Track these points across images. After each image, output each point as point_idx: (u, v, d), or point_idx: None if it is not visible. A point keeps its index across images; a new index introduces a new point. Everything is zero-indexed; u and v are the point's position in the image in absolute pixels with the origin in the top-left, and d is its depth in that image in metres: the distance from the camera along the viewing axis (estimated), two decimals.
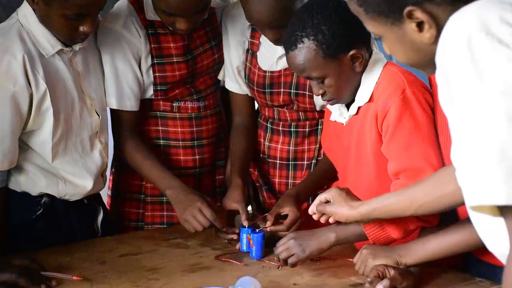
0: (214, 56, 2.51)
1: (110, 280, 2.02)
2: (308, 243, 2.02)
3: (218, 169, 2.64)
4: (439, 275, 1.98)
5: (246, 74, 2.49)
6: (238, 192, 2.36)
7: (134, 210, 2.56)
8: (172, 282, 2.02)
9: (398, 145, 1.96)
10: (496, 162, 1.11)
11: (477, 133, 1.14)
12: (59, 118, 2.20)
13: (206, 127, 2.55)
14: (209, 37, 2.50)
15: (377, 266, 1.91)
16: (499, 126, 1.11)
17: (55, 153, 2.23)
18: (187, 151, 2.53)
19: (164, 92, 2.45)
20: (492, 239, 1.34)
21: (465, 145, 1.17)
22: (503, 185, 1.11)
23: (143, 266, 2.14)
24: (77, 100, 2.26)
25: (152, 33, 2.40)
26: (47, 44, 2.17)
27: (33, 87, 2.13)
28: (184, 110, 2.51)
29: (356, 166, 2.11)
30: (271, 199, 2.57)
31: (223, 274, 2.09)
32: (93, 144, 2.33)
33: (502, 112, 1.11)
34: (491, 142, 1.12)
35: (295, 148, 2.51)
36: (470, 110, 1.15)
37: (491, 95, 1.13)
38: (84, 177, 2.31)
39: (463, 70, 1.16)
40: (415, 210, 1.82)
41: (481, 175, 1.14)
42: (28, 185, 2.26)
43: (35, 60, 2.14)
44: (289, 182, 2.53)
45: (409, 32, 1.35)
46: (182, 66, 2.44)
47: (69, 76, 2.24)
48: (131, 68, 2.38)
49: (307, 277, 2.04)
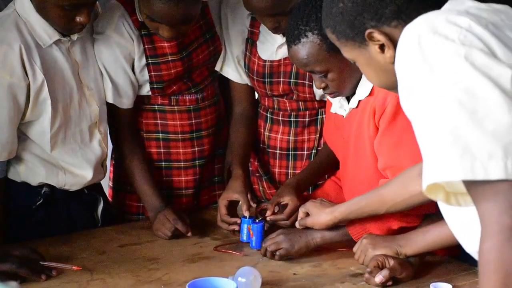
0: (209, 49, 2.49)
1: (110, 270, 2.03)
2: (298, 239, 2.07)
3: (217, 158, 2.64)
4: (439, 265, 1.98)
5: (246, 64, 2.48)
6: (239, 183, 2.36)
7: (134, 203, 2.55)
8: (172, 272, 2.03)
9: (388, 141, 1.97)
10: (450, 143, 1.18)
11: (432, 119, 1.22)
12: (57, 108, 2.20)
13: (205, 118, 2.54)
14: (203, 30, 2.48)
15: (377, 256, 1.92)
16: (451, 110, 1.19)
17: (54, 143, 2.23)
18: (186, 144, 2.53)
19: (161, 89, 2.45)
20: (467, 238, 1.42)
21: (422, 133, 1.25)
22: (458, 161, 1.18)
23: (143, 256, 2.14)
24: (75, 90, 2.25)
25: (145, 34, 2.38)
26: (44, 34, 2.17)
27: (30, 78, 2.12)
28: (182, 103, 2.50)
29: (355, 158, 2.11)
30: (271, 189, 2.57)
31: (223, 264, 2.09)
32: (93, 134, 2.33)
33: (452, 98, 1.20)
34: (444, 125, 1.20)
35: (295, 138, 2.51)
36: (424, 100, 1.23)
37: (442, 85, 1.21)
38: (84, 167, 2.31)
39: (415, 66, 1.26)
40: (386, 210, 1.94)
41: (437, 155, 1.21)
42: (27, 175, 2.26)
43: (32, 50, 2.13)
44: (289, 172, 2.53)
45: (374, 54, 1.46)
46: (177, 64, 2.42)
47: (67, 66, 2.23)
48: (123, 72, 2.37)
49: (306, 267, 2.04)
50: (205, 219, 2.44)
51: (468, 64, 1.22)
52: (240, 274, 1.85)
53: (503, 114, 1.18)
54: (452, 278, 1.90)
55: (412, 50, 1.27)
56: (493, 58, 1.23)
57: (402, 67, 1.30)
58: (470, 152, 1.18)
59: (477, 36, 1.25)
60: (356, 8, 1.44)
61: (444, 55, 1.24)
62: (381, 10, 1.42)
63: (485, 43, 1.24)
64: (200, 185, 2.60)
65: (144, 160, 2.45)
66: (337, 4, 1.48)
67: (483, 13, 1.32)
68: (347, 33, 1.48)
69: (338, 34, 1.50)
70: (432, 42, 1.25)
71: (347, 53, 1.53)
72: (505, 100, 1.19)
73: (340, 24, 1.48)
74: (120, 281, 1.96)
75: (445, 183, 1.28)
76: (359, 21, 1.45)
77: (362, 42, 1.47)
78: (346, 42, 1.50)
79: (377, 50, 1.45)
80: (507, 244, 1.16)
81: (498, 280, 1.17)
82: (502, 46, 1.25)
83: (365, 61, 1.50)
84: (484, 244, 1.20)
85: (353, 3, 1.45)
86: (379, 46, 1.45)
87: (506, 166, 1.17)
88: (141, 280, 1.97)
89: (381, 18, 1.43)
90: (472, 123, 1.18)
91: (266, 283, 1.91)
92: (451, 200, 1.30)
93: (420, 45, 1.26)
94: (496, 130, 1.18)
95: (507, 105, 1.19)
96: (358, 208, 1.99)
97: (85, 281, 1.95)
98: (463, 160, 1.18)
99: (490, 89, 1.20)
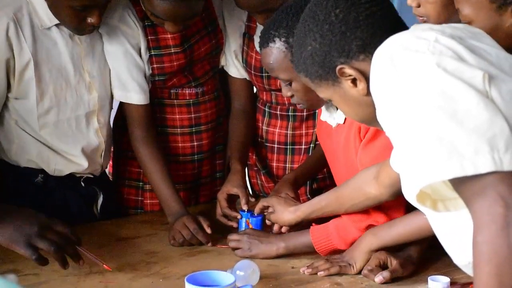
0: (211, 42, 2.49)
1: (109, 263, 2.02)
2: (257, 246, 2.08)
3: (217, 154, 2.64)
4: (438, 258, 1.98)
5: (244, 58, 2.48)
6: (238, 177, 2.37)
7: (133, 197, 2.56)
8: (170, 265, 2.03)
9: (367, 156, 1.96)
10: (436, 146, 1.23)
11: (414, 127, 1.27)
12: (47, 89, 2.19)
13: (205, 112, 2.54)
14: (206, 23, 2.48)
15: (379, 254, 1.91)
16: (432, 116, 1.25)
17: (44, 124, 2.23)
18: (185, 138, 2.52)
19: (162, 81, 2.44)
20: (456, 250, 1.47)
21: (405, 143, 1.30)
22: (447, 161, 1.22)
23: (142, 250, 2.15)
24: (73, 74, 2.25)
25: (149, 25, 2.38)
26: (45, 17, 2.17)
27: (16, 54, 2.12)
28: (182, 96, 2.50)
29: (345, 170, 2.09)
30: (269, 183, 2.57)
31: (222, 257, 2.09)
32: (89, 122, 2.32)
33: (431, 104, 1.25)
34: (427, 131, 1.25)
35: (293, 132, 2.51)
36: (404, 112, 1.29)
37: (419, 94, 1.27)
38: (75, 154, 2.30)
39: (391, 82, 1.32)
40: (345, 210, 1.99)
41: (424, 160, 1.25)
42: (18, 154, 2.25)
43: (24, 29, 2.13)
44: (287, 166, 2.54)
45: (348, 89, 1.54)
46: (180, 56, 2.42)
47: (67, 50, 2.23)
48: (133, 61, 2.35)
49: (305, 260, 2.04)
50: (205, 213, 2.44)
51: (441, 70, 1.27)
52: (239, 268, 1.86)
53: (481, 111, 1.23)
54: (450, 271, 1.90)
55: (386, 68, 1.33)
56: (463, 63, 1.29)
57: (378, 86, 1.36)
58: (456, 151, 1.22)
59: (445, 46, 1.31)
60: (323, 48, 1.52)
61: (417, 66, 1.29)
62: (347, 46, 1.51)
63: (454, 51, 1.31)
64: (199, 180, 2.60)
65: (165, 163, 2.37)
66: (305, 48, 1.55)
67: (446, 28, 1.38)
68: (319, 74, 1.55)
69: (311, 76, 1.57)
70: (404, 57, 1.32)
71: (322, 93, 1.59)
72: (481, 99, 1.24)
73: (312, 66, 1.55)
74: (119, 274, 1.96)
75: (431, 190, 1.32)
76: (329, 59, 1.52)
77: (335, 80, 1.54)
78: (320, 82, 1.57)
79: (350, 85, 1.53)
80: (499, 234, 1.19)
81: (492, 270, 1.19)
82: (469, 52, 1.31)
83: (340, 98, 1.57)
84: (477, 237, 1.22)
85: (320, 44, 1.52)
86: (351, 80, 1.52)
87: (494, 158, 1.21)
88: (140, 273, 1.97)
89: (349, 54, 1.51)
90: (454, 123, 1.23)
91: (264, 276, 1.91)
92: (438, 207, 1.35)
93: (393, 62, 1.32)
94: (478, 126, 1.22)
95: (483, 102, 1.24)
96: (319, 208, 2.03)
97: (83, 274, 1.95)
98: (451, 159, 1.22)
99: (465, 90, 1.25)
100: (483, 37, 1.41)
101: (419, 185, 1.26)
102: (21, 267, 1.99)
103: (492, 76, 1.29)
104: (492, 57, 1.34)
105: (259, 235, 2.11)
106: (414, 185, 1.28)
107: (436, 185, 1.31)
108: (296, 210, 2.07)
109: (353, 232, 1.98)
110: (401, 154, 1.33)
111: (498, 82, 1.29)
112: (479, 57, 1.31)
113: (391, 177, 1.80)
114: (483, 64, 1.30)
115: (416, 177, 1.26)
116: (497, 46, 1.40)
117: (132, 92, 2.36)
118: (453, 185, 1.27)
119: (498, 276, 1.18)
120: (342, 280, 1.92)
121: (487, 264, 1.19)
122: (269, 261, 2.05)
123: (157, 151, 2.37)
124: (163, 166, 2.35)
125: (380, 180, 1.87)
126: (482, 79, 1.27)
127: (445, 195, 1.34)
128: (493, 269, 1.18)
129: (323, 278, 1.92)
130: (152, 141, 2.39)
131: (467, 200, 1.25)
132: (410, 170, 1.29)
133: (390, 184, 1.84)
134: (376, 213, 1.96)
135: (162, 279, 1.94)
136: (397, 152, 1.37)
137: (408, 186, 1.30)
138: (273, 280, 1.92)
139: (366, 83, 1.50)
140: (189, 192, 2.57)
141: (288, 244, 2.06)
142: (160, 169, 2.34)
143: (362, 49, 1.50)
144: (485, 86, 1.27)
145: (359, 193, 1.93)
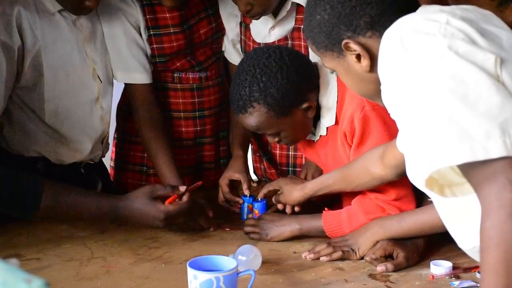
0: (211, 25, 2.48)
1: (111, 249, 2.03)
2: (272, 228, 2.09)
3: (221, 140, 2.64)
4: (439, 243, 1.98)
5: (242, 47, 2.47)
6: (239, 163, 2.36)
7: (136, 182, 2.56)
8: (172, 250, 2.03)
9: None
10: (446, 129, 1.22)
11: (425, 110, 1.26)
12: (56, 76, 2.19)
13: (208, 97, 2.54)
14: (206, 5, 2.47)
15: (386, 245, 1.90)
16: (443, 98, 1.24)
17: (51, 112, 2.22)
18: (188, 122, 2.53)
19: (164, 63, 2.43)
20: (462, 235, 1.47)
21: (414, 127, 1.29)
22: (458, 145, 1.21)
23: (144, 235, 2.14)
24: (78, 61, 2.25)
25: (147, 4, 2.37)
26: (49, 2, 2.17)
27: (28, 42, 2.11)
28: (185, 81, 2.49)
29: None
30: (271, 169, 2.57)
31: (224, 242, 2.09)
32: (93, 108, 2.32)
33: (442, 87, 1.24)
34: (438, 114, 1.24)
35: None
36: (414, 94, 1.28)
37: (430, 76, 1.26)
38: (80, 140, 2.31)
39: (401, 64, 1.31)
40: (352, 189, 2.00)
41: (434, 144, 1.24)
42: (22, 144, 2.25)
43: (33, 15, 2.13)
44: (290, 154, 2.53)
45: (351, 64, 1.53)
46: (179, 36, 2.42)
47: (72, 36, 2.23)
48: (134, 40, 2.35)
49: (307, 245, 2.04)
50: (209, 199, 2.43)
51: (452, 53, 1.27)
52: (241, 252, 1.86)
53: (492, 94, 1.23)
54: (452, 256, 1.90)
55: (396, 50, 1.33)
56: (475, 46, 1.28)
57: (387, 68, 1.36)
58: (467, 135, 1.20)
59: (457, 28, 1.31)
60: (332, 20, 1.51)
61: (428, 48, 1.29)
62: (356, 21, 1.49)
63: (465, 33, 1.30)
64: (202, 165, 2.60)
65: (169, 147, 2.35)
66: (314, 16, 1.55)
67: (456, 10, 1.37)
68: (325, 44, 1.55)
69: (318, 45, 1.57)
70: (414, 39, 1.31)
71: (327, 63, 1.59)
72: (492, 82, 1.24)
73: (319, 36, 1.55)
74: (120, 259, 1.96)
75: (438, 175, 1.31)
76: (336, 32, 1.51)
77: (340, 53, 1.53)
78: (325, 52, 1.57)
79: (354, 59, 1.52)
80: (508, 220, 1.18)
81: (499, 255, 1.18)
82: (480, 35, 1.30)
83: (343, 70, 1.57)
84: (485, 222, 1.21)
85: (329, 15, 1.51)
86: (355, 56, 1.51)
87: (505, 143, 1.19)
88: (142, 258, 1.97)
89: (356, 29, 1.50)
90: (465, 107, 1.22)
91: (266, 261, 1.91)
92: (445, 192, 1.34)
93: (403, 44, 1.32)
94: (489, 110, 1.21)
95: (495, 86, 1.23)
96: (326, 185, 2.04)
97: (85, 259, 1.96)
98: (462, 143, 1.20)
99: (477, 73, 1.24)
100: (493, 19, 1.40)
101: (429, 169, 1.25)
102: (24, 251, 2.00)
103: (503, 60, 1.28)
104: (502, 41, 1.33)
105: (273, 219, 2.11)
106: (423, 170, 1.27)
107: (443, 170, 1.30)
108: (303, 187, 2.09)
109: (365, 223, 1.98)
110: (409, 137, 1.32)
111: (509, 65, 1.28)
112: (490, 40, 1.30)
113: (397, 158, 1.79)
114: (494, 48, 1.29)
115: (425, 161, 1.26)
116: (507, 28, 1.39)
117: (134, 72, 2.36)
118: (462, 169, 1.26)
119: (506, 261, 1.17)
120: (344, 265, 1.92)
121: (494, 249, 1.18)
122: (271, 245, 2.05)
123: (161, 134, 2.36)
124: (167, 149, 2.34)
125: (385, 160, 1.87)
126: (494, 63, 1.26)
127: (451, 180, 1.33)
128: (501, 254, 1.18)
129: (325, 263, 1.92)
130: (157, 123, 2.38)
131: (475, 185, 1.24)
132: (420, 155, 1.28)
133: (395, 165, 1.84)
134: (390, 208, 1.96)
135: (164, 264, 1.94)
136: (404, 134, 1.36)
137: (417, 170, 1.30)
138: (275, 265, 1.92)
139: (369, 61, 1.49)
140: (192, 176, 2.56)
141: (302, 227, 2.08)
142: (164, 153, 2.33)
143: (370, 26, 1.49)
144: (497, 70, 1.26)
145: (365, 173, 1.93)
